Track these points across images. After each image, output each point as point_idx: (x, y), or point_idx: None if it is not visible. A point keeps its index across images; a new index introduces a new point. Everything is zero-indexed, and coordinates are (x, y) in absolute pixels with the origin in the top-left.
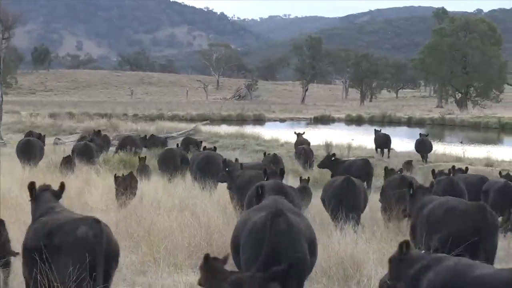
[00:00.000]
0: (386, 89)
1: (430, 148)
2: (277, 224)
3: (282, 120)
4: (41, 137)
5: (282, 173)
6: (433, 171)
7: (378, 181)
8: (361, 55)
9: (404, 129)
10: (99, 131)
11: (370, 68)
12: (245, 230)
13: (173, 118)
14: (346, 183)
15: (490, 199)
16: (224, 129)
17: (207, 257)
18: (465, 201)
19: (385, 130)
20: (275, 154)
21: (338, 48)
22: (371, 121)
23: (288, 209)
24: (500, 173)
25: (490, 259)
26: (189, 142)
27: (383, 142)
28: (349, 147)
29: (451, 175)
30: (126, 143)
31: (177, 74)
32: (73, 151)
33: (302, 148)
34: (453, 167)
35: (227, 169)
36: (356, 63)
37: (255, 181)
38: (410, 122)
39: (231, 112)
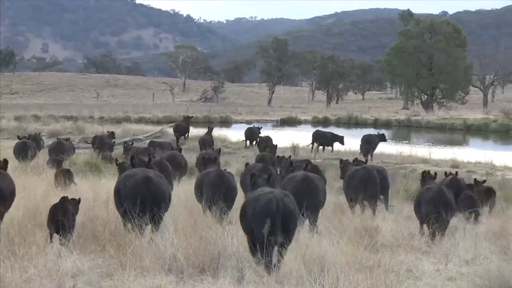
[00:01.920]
0: (352, 91)
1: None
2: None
3: (249, 122)
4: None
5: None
6: (341, 160)
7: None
8: (327, 57)
9: (371, 130)
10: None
11: (337, 70)
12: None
13: (139, 120)
14: (305, 180)
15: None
16: (191, 131)
17: None
18: None
19: (352, 132)
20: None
21: (304, 50)
22: (338, 122)
23: None
24: (445, 173)
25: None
26: (155, 145)
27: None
28: (317, 149)
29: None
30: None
31: (143, 77)
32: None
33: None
34: (356, 158)
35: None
36: (322, 65)
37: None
38: (376, 124)
39: (198, 114)
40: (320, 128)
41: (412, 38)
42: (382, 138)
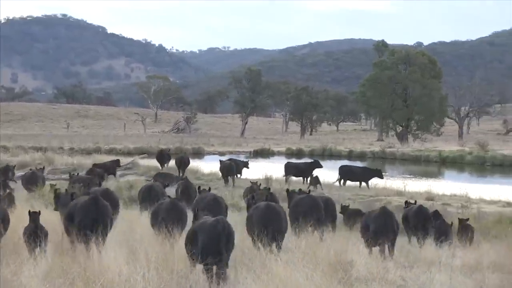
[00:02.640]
0: (326, 122)
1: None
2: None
3: (222, 154)
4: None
5: None
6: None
7: None
8: (301, 88)
9: (345, 162)
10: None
11: (311, 101)
12: None
13: (110, 151)
14: (269, 209)
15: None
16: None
17: None
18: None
19: (326, 164)
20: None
21: (277, 81)
22: (312, 154)
23: None
24: (405, 202)
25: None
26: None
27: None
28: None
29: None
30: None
31: (114, 107)
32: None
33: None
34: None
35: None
36: (296, 96)
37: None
38: (351, 156)
39: (170, 145)
40: (293, 160)
41: (387, 69)
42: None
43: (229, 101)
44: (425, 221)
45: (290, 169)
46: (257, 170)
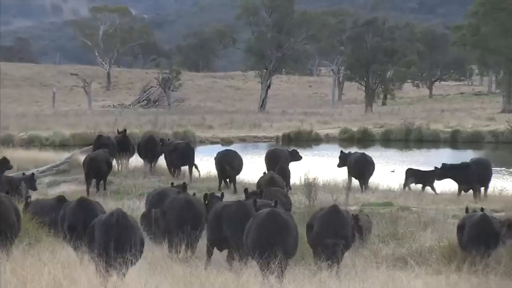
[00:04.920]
0: (411, 81)
1: None
2: None
3: (226, 142)
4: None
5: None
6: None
7: None
8: (365, 21)
9: (447, 152)
10: None
11: (382, 44)
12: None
13: (29, 143)
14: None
15: None
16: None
17: None
18: None
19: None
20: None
21: (323, 11)
22: (386, 139)
23: None
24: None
25: None
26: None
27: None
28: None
29: None
30: None
31: (35, 65)
32: None
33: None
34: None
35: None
36: (356, 37)
37: None
38: (455, 140)
39: (135, 129)
40: (357, 150)
41: None
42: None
43: (236, 48)
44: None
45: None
46: (293, 170)
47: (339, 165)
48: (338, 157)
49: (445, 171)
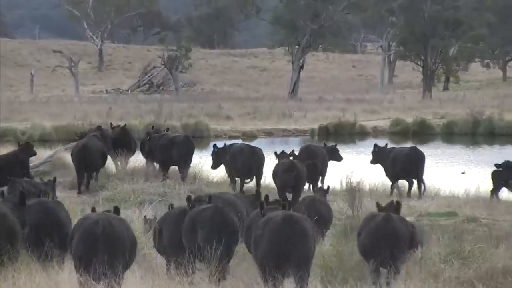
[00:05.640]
0: (479, 61)
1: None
2: None
3: (248, 136)
4: None
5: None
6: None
7: None
8: None
9: None
10: None
11: (444, 14)
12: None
13: (1, 137)
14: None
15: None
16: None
17: None
18: None
19: (482, 152)
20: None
21: None
22: (448, 133)
23: None
24: None
25: None
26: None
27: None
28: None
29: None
30: None
31: (9, 40)
32: None
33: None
34: None
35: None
36: (410, 4)
37: None
38: None
39: (133, 121)
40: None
41: None
42: None
43: (260, 20)
44: None
45: None
46: (332, 173)
47: (372, 162)
48: (371, 152)
49: None
